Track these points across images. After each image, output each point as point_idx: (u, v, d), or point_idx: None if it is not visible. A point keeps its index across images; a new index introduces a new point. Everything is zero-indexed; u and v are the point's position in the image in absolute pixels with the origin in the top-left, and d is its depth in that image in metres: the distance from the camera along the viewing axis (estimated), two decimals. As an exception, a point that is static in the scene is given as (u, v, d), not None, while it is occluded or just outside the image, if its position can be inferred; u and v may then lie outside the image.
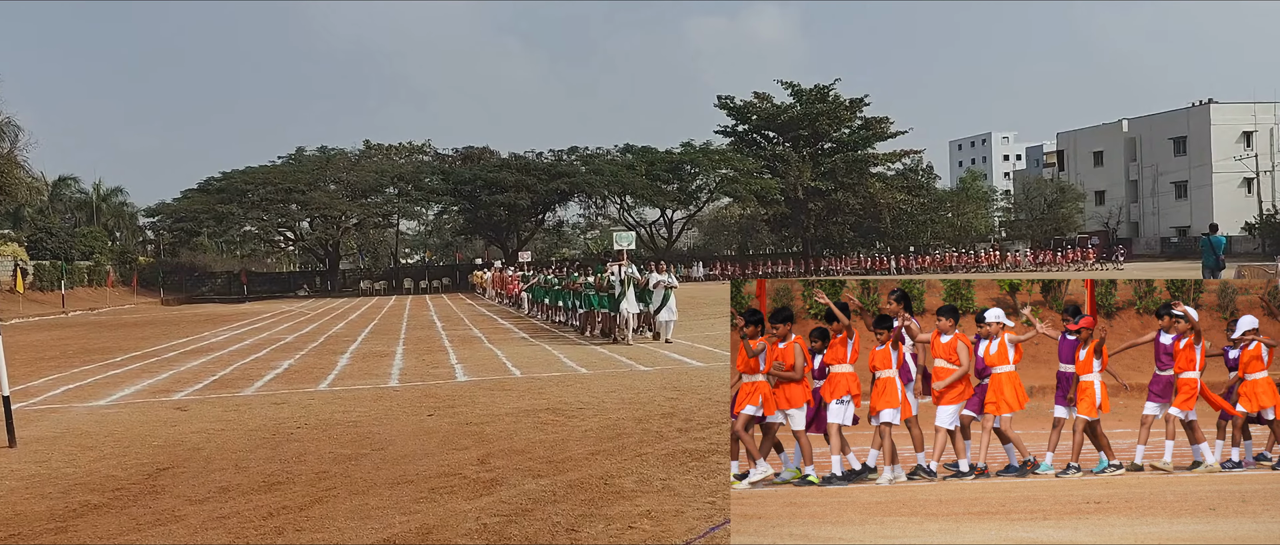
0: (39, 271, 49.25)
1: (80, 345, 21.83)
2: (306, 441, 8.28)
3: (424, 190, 66.24)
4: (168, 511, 5.97)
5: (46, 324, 33.06)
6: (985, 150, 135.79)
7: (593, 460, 7.05)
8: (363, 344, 19.67)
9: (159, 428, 9.35)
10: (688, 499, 5.81)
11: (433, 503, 5.93)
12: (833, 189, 66.79)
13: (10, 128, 40.52)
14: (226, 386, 12.76)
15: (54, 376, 14.74)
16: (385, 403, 10.59)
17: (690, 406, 9.46)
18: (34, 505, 6.30)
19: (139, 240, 71.93)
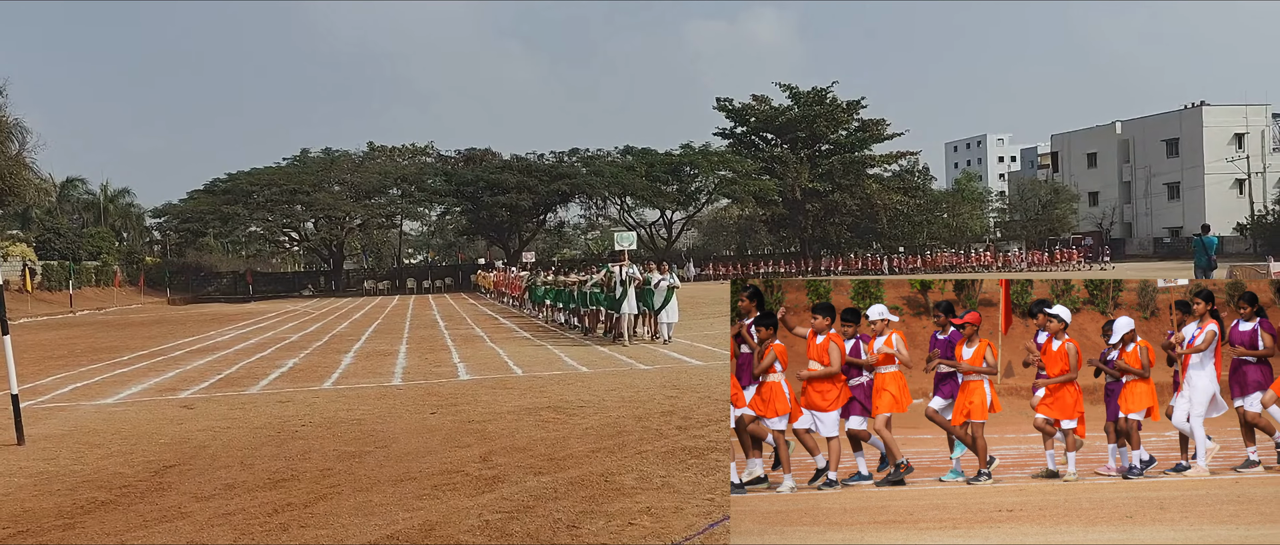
0: (47, 271, 49.24)
1: (88, 344, 21.83)
2: (311, 439, 8.28)
3: (427, 191, 66.28)
4: (174, 508, 5.97)
5: (54, 323, 33.06)
6: (980, 152, 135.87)
7: (593, 458, 7.05)
8: (366, 343, 19.67)
9: (165, 425, 9.35)
10: (687, 496, 5.81)
11: (435, 499, 5.93)
12: (830, 190, 66.77)
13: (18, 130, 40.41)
14: (232, 385, 12.76)
15: (62, 375, 14.74)
16: (389, 401, 10.59)
17: (689, 405, 9.46)
18: (42, 502, 6.30)
19: (146, 241, 71.95)
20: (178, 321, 31.94)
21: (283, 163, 68.12)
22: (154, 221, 70.03)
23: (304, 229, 68.08)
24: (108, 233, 62.25)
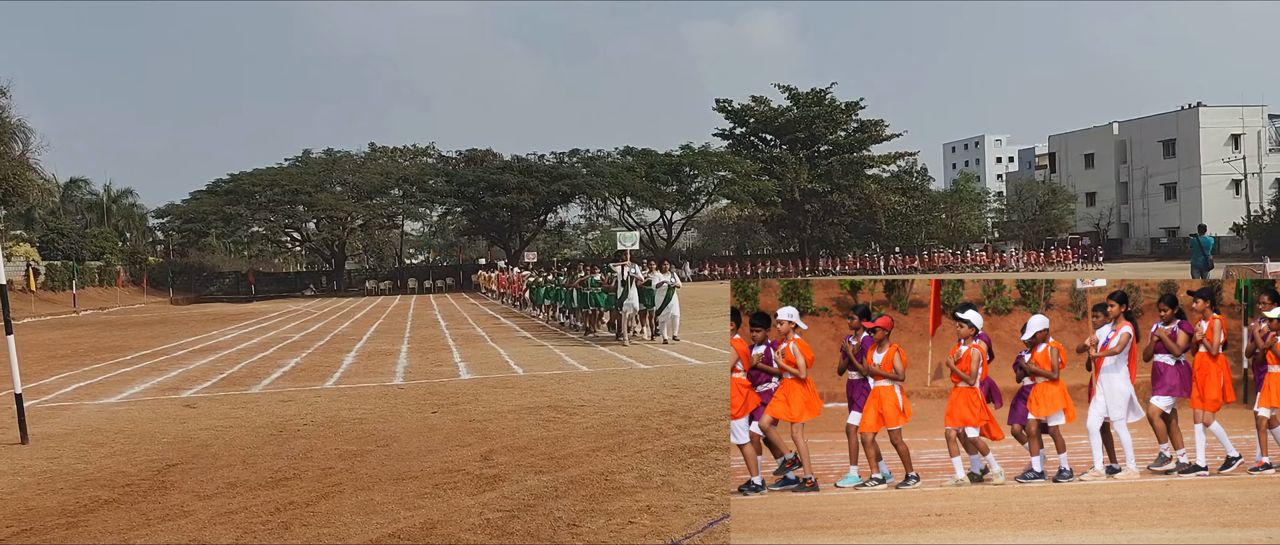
0: (51, 271, 49.22)
1: (91, 344, 21.83)
2: (313, 438, 8.28)
3: (428, 192, 66.25)
4: (177, 507, 5.97)
5: (58, 323, 33.06)
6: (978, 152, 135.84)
7: (593, 457, 7.05)
8: (368, 343, 19.66)
9: (168, 425, 9.35)
10: (687, 495, 5.81)
11: (437, 498, 5.93)
12: (829, 190, 66.78)
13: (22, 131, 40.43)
14: (234, 384, 12.76)
15: (65, 374, 14.74)
16: (390, 400, 10.59)
17: (689, 404, 9.46)
18: (46, 500, 6.30)
19: (149, 241, 71.94)
20: (180, 321, 31.94)
21: (285, 163, 68.15)
22: (157, 222, 70.05)
23: (306, 229, 68.09)
24: (111, 233, 62.24)
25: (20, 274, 44.41)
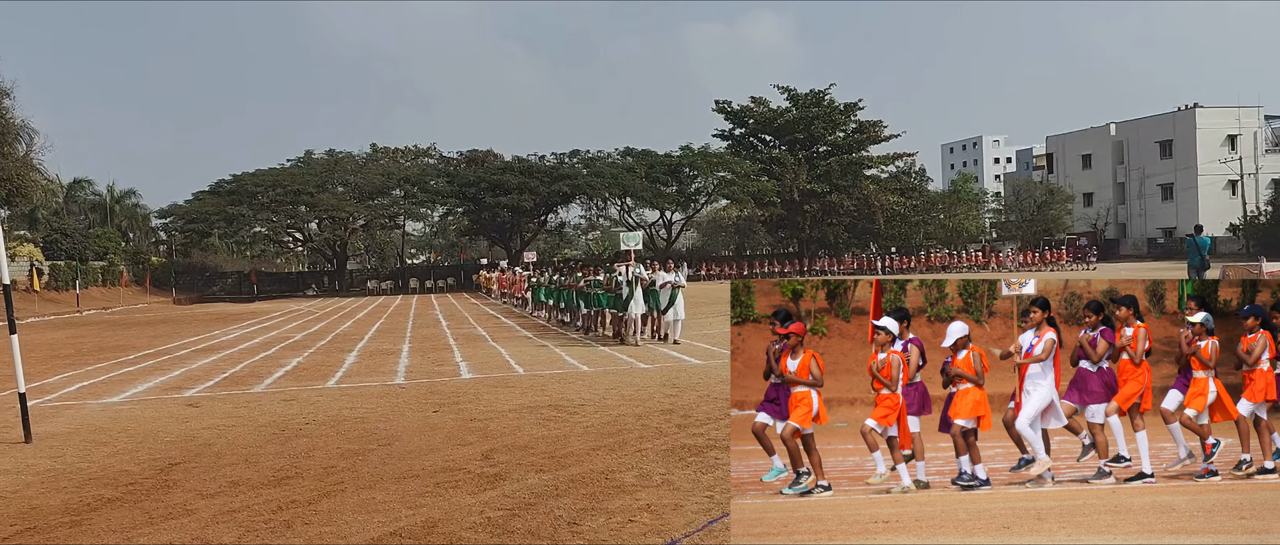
0: (54, 271, 49.22)
1: (94, 343, 21.83)
2: (315, 437, 8.27)
3: (429, 192, 66.26)
4: (179, 505, 5.97)
5: (61, 323, 33.06)
6: (976, 153, 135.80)
7: (594, 455, 7.05)
8: (370, 342, 19.66)
9: (171, 424, 9.35)
10: (686, 493, 5.81)
11: (438, 497, 5.93)
12: (828, 191, 66.80)
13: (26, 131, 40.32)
14: (237, 383, 12.76)
15: (69, 374, 14.73)
16: (392, 399, 10.59)
17: (689, 403, 9.46)
18: (49, 499, 6.30)
19: (152, 241, 71.91)
20: (183, 321, 31.94)
21: (287, 164, 68.15)
22: (160, 222, 70.05)
23: (308, 229, 68.08)
24: (114, 233, 62.24)
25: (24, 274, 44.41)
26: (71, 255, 53.18)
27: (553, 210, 68.34)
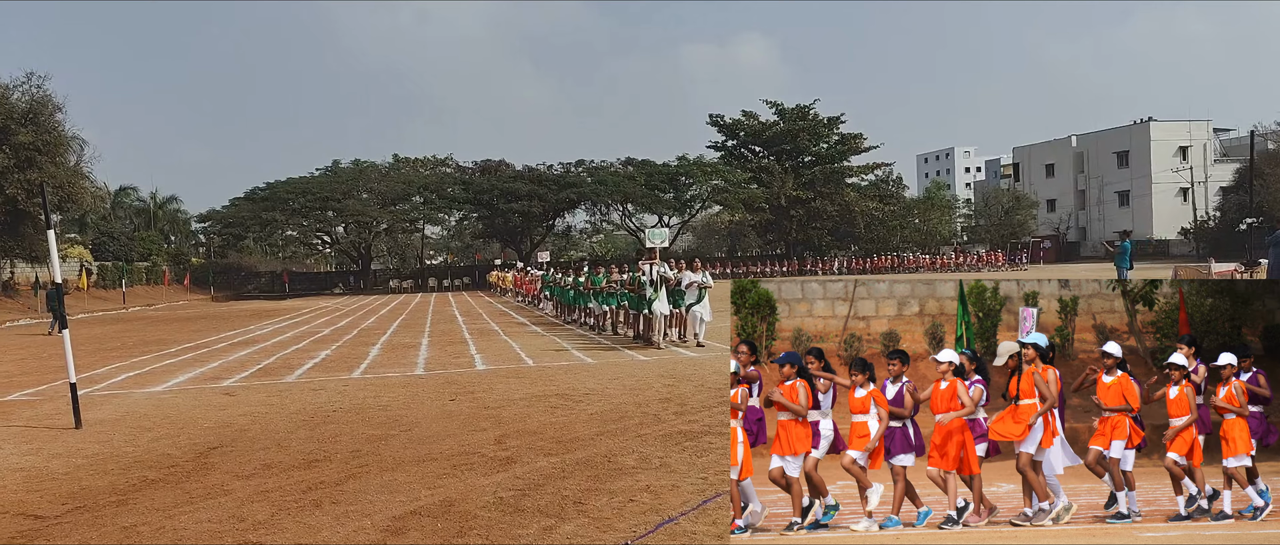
0: (102, 271, 49.22)
1: (139, 338, 21.81)
2: (341, 423, 8.26)
3: (447, 199, 66.36)
4: (217, 486, 5.96)
5: (109, 318, 33.03)
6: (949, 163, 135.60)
7: (598, 440, 7.04)
8: (392, 336, 19.64)
9: (209, 411, 9.34)
10: (683, 475, 5.80)
11: (454, 478, 5.93)
12: (812, 198, 66.82)
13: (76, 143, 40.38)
14: (270, 374, 12.74)
15: (116, 365, 14.72)
16: (412, 389, 10.57)
17: (685, 392, 9.45)
18: (97, 480, 6.30)
19: (192, 243, 71.98)
20: (220, 317, 31.91)
21: (316, 173, 68.20)
22: (199, 226, 70.14)
23: (335, 233, 68.14)
24: (157, 236, 62.30)
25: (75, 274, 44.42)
26: (118, 256, 53.17)
27: (560, 215, 68.38)
